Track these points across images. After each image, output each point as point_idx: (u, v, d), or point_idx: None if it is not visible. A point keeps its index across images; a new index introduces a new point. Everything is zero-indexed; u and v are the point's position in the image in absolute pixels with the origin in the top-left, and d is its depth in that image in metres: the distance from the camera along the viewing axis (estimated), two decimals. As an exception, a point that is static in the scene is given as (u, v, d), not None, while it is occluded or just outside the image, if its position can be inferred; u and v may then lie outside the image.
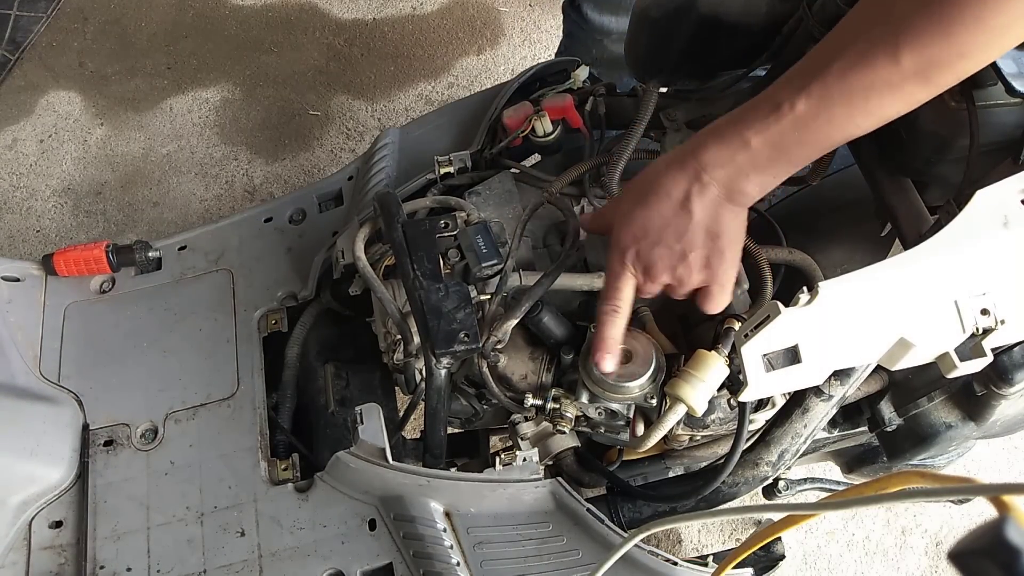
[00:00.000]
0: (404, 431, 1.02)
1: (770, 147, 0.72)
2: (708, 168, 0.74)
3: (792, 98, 0.69)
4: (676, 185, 0.76)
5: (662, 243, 0.78)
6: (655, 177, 0.78)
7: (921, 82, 0.66)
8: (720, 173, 0.74)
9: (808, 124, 0.70)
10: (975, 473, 1.74)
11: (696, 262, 0.78)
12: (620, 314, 0.82)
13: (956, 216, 0.77)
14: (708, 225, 0.76)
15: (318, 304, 1.14)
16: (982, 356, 0.77)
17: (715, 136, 0.74)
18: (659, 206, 0.77)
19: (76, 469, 1.00)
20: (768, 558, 1.23)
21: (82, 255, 1.13)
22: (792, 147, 0.72)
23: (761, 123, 0.71)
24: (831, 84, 0.68)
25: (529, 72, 1.19)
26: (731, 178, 0.74)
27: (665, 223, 0.77)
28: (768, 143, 0.71)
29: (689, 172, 0.75)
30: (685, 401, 0.81)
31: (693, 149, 0.76)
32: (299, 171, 2.16)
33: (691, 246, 0.77)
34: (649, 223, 0.78)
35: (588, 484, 0.98)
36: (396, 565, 0.90)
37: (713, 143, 0.74)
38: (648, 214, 0.78)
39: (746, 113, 0.73)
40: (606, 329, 0.82)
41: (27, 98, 2.28)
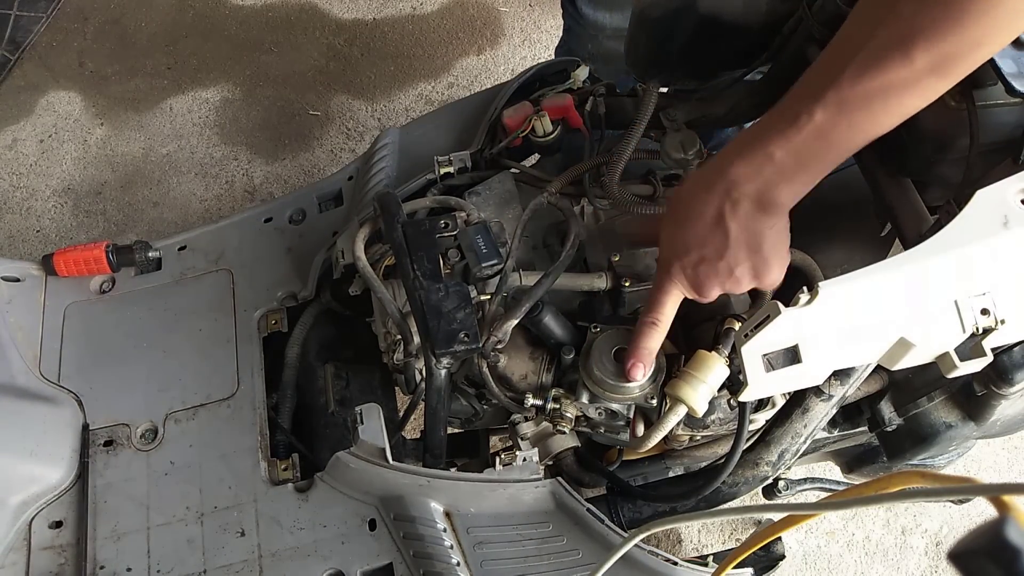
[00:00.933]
0: (404, 431, 1.02)
1: (794, 158, 0.72)
2: (737, 185, 0.75)
3: (809, 108, 0.69)
4: (708, 205, 0.77)
5: (705, 262, 0.78)
6: (688, 199, 0.79)
7: (937, 76, 0.66)
8: (749, 188, 0.75)
9: (828, 132, 0.70)
10: (975, 473, 1.74)
11: (744, 276, 0.79)
12: (659, 327, 0.83)
13: (956, 216, 0.76)
14: (747, 240, 0.77)
15: (318, 304, 1.14)
16: (982, 356, 0.77)
17: (739, 153, 0.75)
18: (695, 227, 0.78)
19: (76, 469, 1.00)
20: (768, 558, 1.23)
21: (82, 255, 1.13)
22: (817, 155, 0.72)
23: (781, 136, 0.71)
24: (846, 91, 0.68)
25: (529, 72, 1.19)
26: (760, 192, 0.75)
27: (703, 243, 0.78)
28: (791, 154, 0.72)
29: (718, 191, 0.76)
30: (685, 402, 0.81)
31: (720, 168, 0.76)
32: (299, 171, 2.16)
33: (735, 261, 0.78)
34: (689, 244, 0.79)
35: (588, 484, 0.98)
36: (396, 565, 0.90)
37: (738, 160, 0.75)
38: (686, 235, 0.79)
39: (767, 127, 0.73)
40: (643, 340, 0.84)
41: (27, 98, 2.28)
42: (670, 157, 1.02)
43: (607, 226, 1.05)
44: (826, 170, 0.74)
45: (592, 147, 1.08)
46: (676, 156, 1.01)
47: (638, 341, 0.84)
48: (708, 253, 0.78)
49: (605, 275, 0.95)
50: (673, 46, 0.98)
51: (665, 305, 0.83)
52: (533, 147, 1.12)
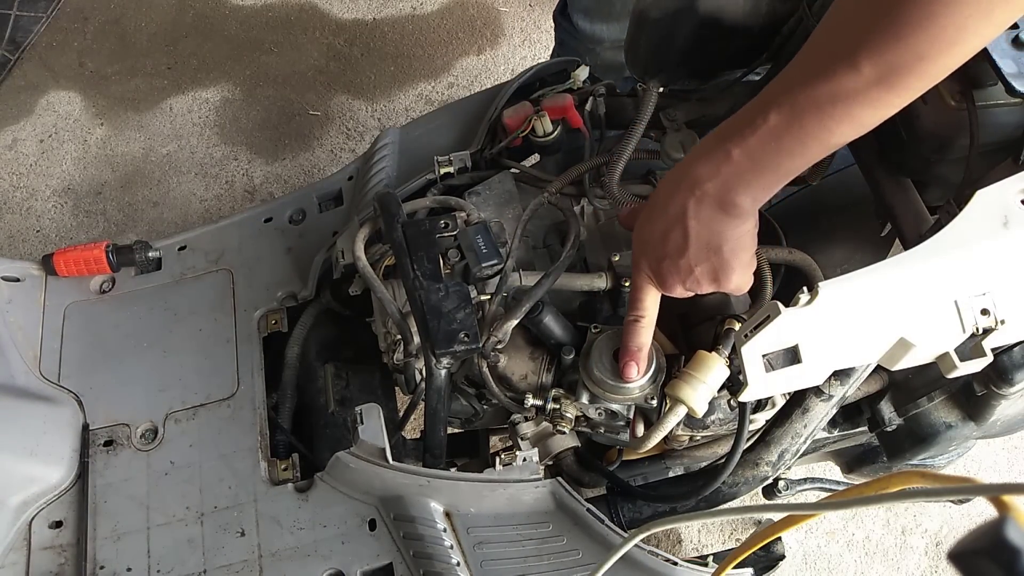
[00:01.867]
0: (404, 431, 1.02)
1: (749, 159, 0.72)
2: (699, 183, 0.75)
3: (765, 111, 0.70)
4: (672, 200, 0.77)
5: (667, 258, 0.79)
6: (658, 196, 0.80)
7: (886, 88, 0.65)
8: (710, 186, 0.75)
9: (782, 136, 0.70)
10: (975, 473, 1.74)
11: (704, 276, 0.79)
12: (641, 323, 0.84)
13: (956, 216, 0.77)
14: (708, 239, 0.77)
15: (318, 304, 1.14)
16: (982, 356, 0.77)
17: (703, 150, 0.75)
18: (659, 224, 0.79)
19: (76, 469, 1.00)
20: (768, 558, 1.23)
21: (82, 255, 1.13)
22: (771, 158, 0.72)
23: (739, 136, 0.72)
24: (798, 96, 0.68)
25: (529, 72, 1.19)
26: (719, 191, 0.75)
27: (665, 239, 0.78)
28: (747, 155, 0.72)
29: (684, 187, 0.76)
30: (685, 402, 0.81)
31: (685, 166, 0.77)
32: (299, 171, 2.16)
33: (695, 261, 0.78)
34: (652, 238, 0.80)
35: (588, 484, 0.98)
36: (396, 565, 0.90)
37: (702, 158, 0.75)
38: (651, 230, 0.80)
39: (728, 127, 0.74)
40: (629, 338, 0.84)
41: (27, 98, 2.28)
42: (670, 157, 1.02)
43: (607, 226, 1.05)
44: (783, 177, 0.73)
45: (592, 147, 1.08)
46: (676, 156, 1.01)
47: (626, 340, 0.85)
48: (670, 250, 0.78)
49: (605, 275, 0.95)
50: (673, 46, 0.98)
51: (643, 301, 0.84)
52: (533, 147, 1.12)
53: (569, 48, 1.72)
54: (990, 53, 0.76)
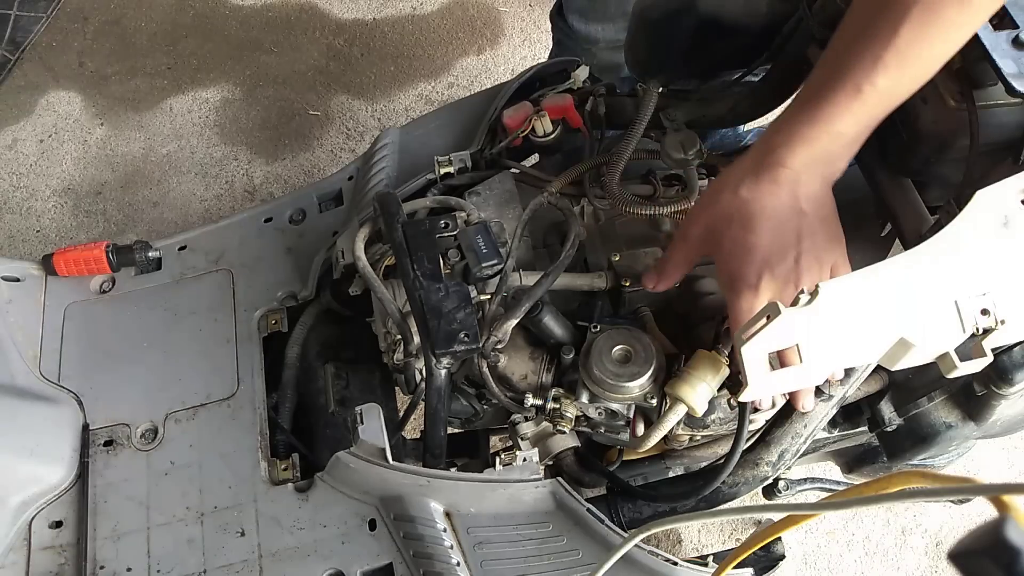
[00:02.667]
0: (404, 431, 1.02)
1: (860, 126, 0.73)
2: (804, 171, 0.75)
3: (871, 76, 0.70)
4: (778, 199, 0.76)
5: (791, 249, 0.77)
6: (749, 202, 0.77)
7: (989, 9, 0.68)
8: (817, 168, 0.75)
9: (892, 92, 0.71)
10: (975, 473, 1.74)
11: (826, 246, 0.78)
12: None
13: (956, 216, 0.76)
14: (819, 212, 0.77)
15: (318, 304, 1.14)
16: (982, 356, 0.77)
17: (799, 139, 0.74)
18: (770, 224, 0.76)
19: (76, 469, 1.00)
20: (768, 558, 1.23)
21: (82, 255, 1.13)
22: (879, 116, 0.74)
23: (847, 111, 0.72)
24: (904, 50, 0.68)
25: (529, 72, 1.19)
26: (828, 166, 0.76)
27: (786, 234, 0.77)
28: (857, 124, 0.73)
29: (786, 182, 0.75)
30: (685, 401, 0.81)
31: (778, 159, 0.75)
32: (299, 171, 2.16)
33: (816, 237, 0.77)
34: (771, 243, 0.77)
35: (588, 484, 0.98)
36: (396, 565, 0.90)
37: (800, 147, 0.74)
38: (765, 236, 0.77)
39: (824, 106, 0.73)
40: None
41: (27, 98, 2.28)
42: (670, 157, 1.02)
43: (607, 226, 1.05)
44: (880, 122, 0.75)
45: (592, 147, 1.08)
46: (676, 156, 1.01)
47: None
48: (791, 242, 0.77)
49: (605, 275, 0.95)
50: (673, 46, 0.98)
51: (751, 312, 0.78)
52: (533, 147, 1.12)
53: (566, 49, 1.72)
54: (990, 53, 0.76)
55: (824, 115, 0.73)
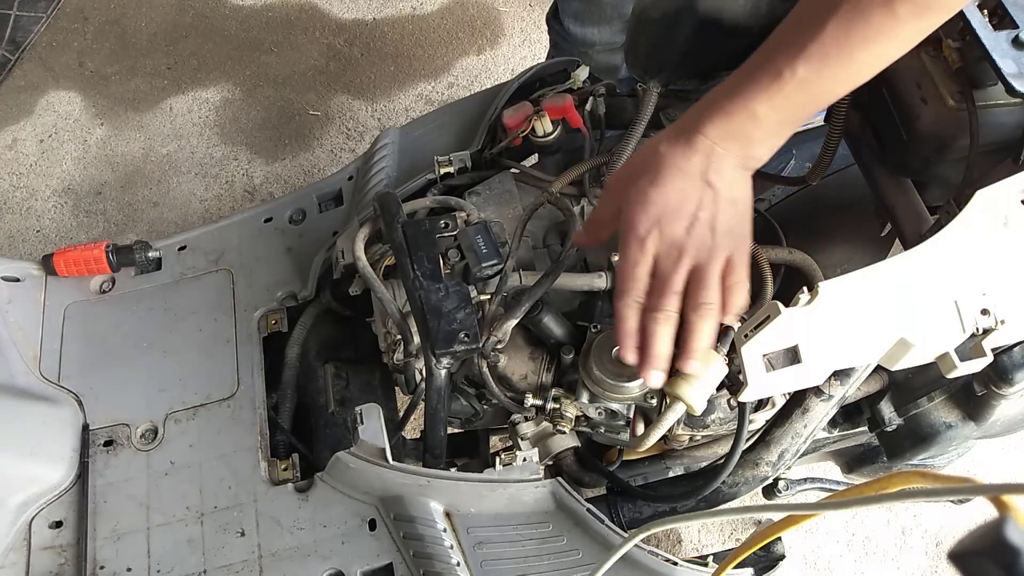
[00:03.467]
0: (404, 431, 1.02)
1: (778, 113, 0.73)
2: (718, 141, 0.75)
3: (792, 63, 0.70)
4: (689, 161, 0.76)
5: (687, 215, 0.76)
6: (663, 157, 0.77)
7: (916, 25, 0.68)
8: (733, 145, 0.75)
9: (811, 85, 0.71)
10: (975, 473, 1.74)
11: (723, 230, 0.77)
12: (641, 305, 0.78)
13: (956, 216, 0.77)
14: (729, 192, 0.77)
15: (318, 304, 1.14)
16: (982, 356, 0.77)
17: (719, 111, 0.75)
18: (677, 182, 0.76)
19: (76, 469, 1.00)
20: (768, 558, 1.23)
21: (82, 255, 1.13)
22: (798, 108, 0.73)
23: (764, 93, 0.72)
24: (828, 43, 0.69)
25: (529, 72, 1.19)
26: (743, 147, 0.75)
27: (686, 197, 0.76)
28: (776, 109, 0.73)
29: (701, 148, 0.75)
30: (684, 400, 0.81)
31: (697, 126, 0.76)
32: (299, 171, 2.16)
33: (717, 213, 0.76)
34: (669, 200, 0.76)
35: (588, 484, 0.98)
36: (396, 565, 0.90)
37: (719, 118, 0.75)
38: (666, 192, 0.76)
39: (746, 84, 0.73)
40: (628, 322, 0.78)
41: (27, 98, 2.28)
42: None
43: (607, 226, 1.05)
44: (801, 123, 0.75)
45: (592, 147, 1.08)
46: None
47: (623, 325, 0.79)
48: (691, 207, 0.76)
49: (605, 275, 0.95)
50: (673, 46, 0.98)
51: (641, 280, 0.78)
52: (533, 147, 1.12)
53: (563, 52, 1.72)
54: (990, 53, 0.76)
55: (743, 92, 0.73)
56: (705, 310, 0.76)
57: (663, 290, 0.77)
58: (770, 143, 0.76)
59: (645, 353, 0.78)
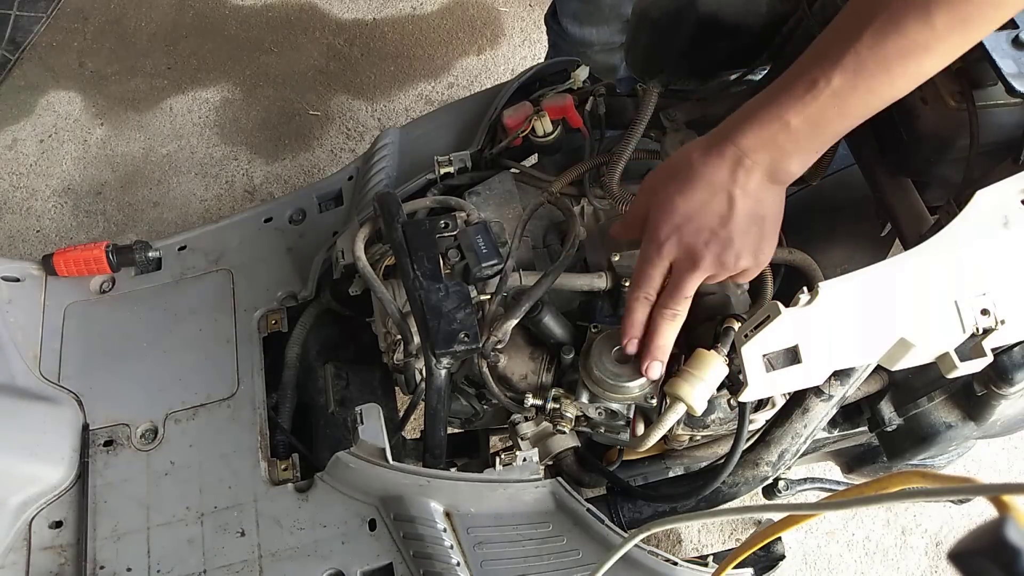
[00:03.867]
0: (404, 431, 1.02)
1: (811, 125, 0.72)
2: (750, 152, 0.74)
3: (827, 73, 0.69)
4: (717, 171, 0.75)
5: (707, 229, 0.76)
6: (693, 165, 0.77)
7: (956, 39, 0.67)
8: (763, 156, 0.74)
9: (847, 97, 0.70)
10: (975, 473, 1.74)
11: (745, 249, 0.77)
12: (651, 302, 0.81)
13: (956, 216, 0.77)
14: (753, 209, 0.76)
15: (318, 304, 1.14)
16: (982, 356, 0.77)
17: (752, 121, 0.74)
18: (701, 193, 0.76)
19: (76, 469, 1.00)
20: (768, 558, 1.23)
21: (82, 255, 1.13)
22: (832, 121, 0.72)
23: (799, 102, 0.71)
24: (864, 55, 0.67)
25: (529, 72, 1.19)
26: (774, 160, 0.74)
27: (709, 209, 0.76)
28: (808, 122, 0.71)
29: (729, 158, 0.75)
30: (684, 400, 0.81)
31: (729, 135, 0.75)
32: (299, 171, 2.16)
33: (738, 231, 0.76)
34: (692, 210, 0.77)
35: (588, 484, 0.98)
36: (396, 565, 0.90)
37: (751, 128, 0.74)
38: (690, 202, 0.77)
39: (780, 94, 0.72)
40: (636, 315, 0.81)
41: (27, 98, 2.28)
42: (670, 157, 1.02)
43: (607, 226, 1.05)
44: (836, 138, 0.74)
45: (592, 147, 1.08)
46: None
47: (631, 316, 0.81)
48: (711, 221, 0.76)
49: (605, 275, 0.95)
50: (673, 46, 0.98)
51: (655, 279, 0.80)
52: (533, 147, 1.12)
53: (562, 52, 1.72)
54: (990, 53, 0.76)
55: (777, 101, 0.72)
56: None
57: (673, 293, 0.80)
58: (802, 158, 0.75)
59: (647, 344, 0.81)
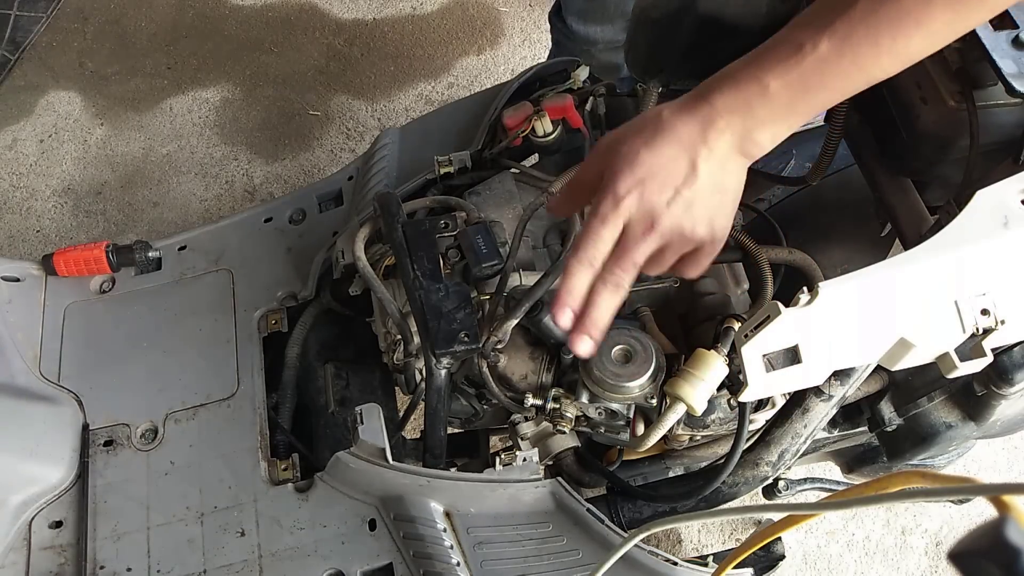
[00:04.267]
0: (404, 431, 1.02)
1: (791, 91, 0.68)
2: (722, 113, 0.70)
3: (815, 37, 0.66)
4: (687, 127, 0.70)
5: (671, 186, 0.70)
6: (663, 118, 0.72)
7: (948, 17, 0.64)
8: (735, 119, 0.70)
9: (832, 65, 0.66)
10: (975, 473, 1.74)
11: (703, 213, 0.72)
12: (593, 268, 0.72)
13: (956, 216, 0.77)
14: (718, 174, 0.71)
15: (318, 304, 1.14)
16: (982, 356, 0.77)
17: (729, 80, 0.70)
18: (670, 148, 0.70)
19: (76, 469, 1.00)
20: (768, 558, 1.23)
21: (82, 255, 1.13)
22: (813, 91, 0.68)
23: (781, 65, 0.67)
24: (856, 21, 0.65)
25: (529, 72, 1.19)
26: (746, 126, 0.70)
27: (676, 165, 0.70)
28: (788, 86, 0.67)
29: (701, 116, 0.70)
30: (684, 400, 0.81)
31: (704, 93, 0.71)
32: (299, 171, 2.16)
33: (701, 193, 0.71)
34: (658, 165, 0.70)
35: (588, 484, 0.98)
36: (396, 565, 0.90)
37: (728, 87, 0.70)
38: (657, 155, 0.70)
39: (763, 55, 0.69)
40: (575, 280, 0.72)
41: (27, 98, 2.28)
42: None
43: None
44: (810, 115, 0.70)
45: (592, 147, 1.08)
46: None
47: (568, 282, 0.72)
48: (676, 178, 0.70)
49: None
50: (673, 46, 0.98)
51: (605, 242, 0.71)
52: (533, 147, 1.12)
53: (565, 49, 1.72)
54: (990, 53, 0.76)
55: (759, 62, 0.69)
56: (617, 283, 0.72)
57: (622, 258, 0.72)
58: (773, 129, 0.70)
59: (583, 317, 0.73)
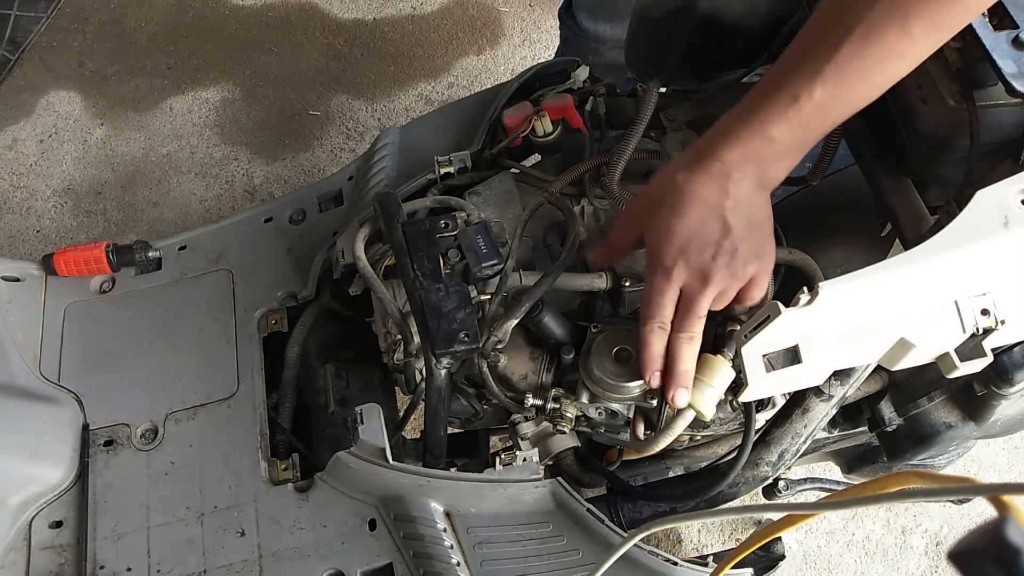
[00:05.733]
0: (404, 431, 1.02)
1: (795, 134, 0.74)
2: (735, 166, 0.76)
3: (809, 86, 0.71)
4: (707, 188, 0.77)
5: (711, 244, 0.77)
6: (681, 186, 0.78)
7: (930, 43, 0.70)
8: (748, 167, 0.76)
9: (828, 107, 0.72)
10: (975, 473, 1.74)
11: (748, 254, 0.78)
12: (666, 330, 0.80)
13: (956, 216, 0.77)
14: (749, 216, 0.78)
15: (318, 304, 1.14)
16: (982, 356, 0.77)
17: (735, 136, 0.76)
18: (697, 211, 0.77)
19: (76, 469, 1.00)
20: (768, 558, 1.23)
21: (82, 255, 1.13)
22: (815, 129, 0.74)
23: (781, 116, 0.73)
24: (843, 66, 0.70)
25: (529, 72, 1.19)
26: (760, 169, 0.76)
27: (709, 226, 0.77)
28: (792, 131, 0.74)
29: (716, 174, 0.76)
30: (695, 407, 0.81)
31: (713, 152, 0.77)
32: (299, 171, 2.16)
33: (740, 239, 0.77)
34: (692, 230, 0.78)
35: (588, 484, 0.98)
36: (396, 565, 0.90)
37: (734, 143, 0.76)
38: (688, 222, 0.78)
39: (761, 107, 0.74)
40: (653, 347, 0.80)
41: (27, 98, 2.28)
42: (670, 157, 1.02)
43: (607, 226, 1.05)
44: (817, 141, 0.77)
45: (592, 147, 1.08)
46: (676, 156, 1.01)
47: (648, 350, 0.80)
48: (713, 235, 0.77)
49: (605, 275, 0.95)
50: (673, 46, 0.98)
51: (666, 307, 0.80)
52: (533, 147, 1.12)
53: (573, 46, 1.72)
54: (990, 53, 0.76)
55: (760, 117, 0.74)
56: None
57: (688, 316, 0.79)
58: (787, 163, 0.77)
59: (671, 372, 0.80)
